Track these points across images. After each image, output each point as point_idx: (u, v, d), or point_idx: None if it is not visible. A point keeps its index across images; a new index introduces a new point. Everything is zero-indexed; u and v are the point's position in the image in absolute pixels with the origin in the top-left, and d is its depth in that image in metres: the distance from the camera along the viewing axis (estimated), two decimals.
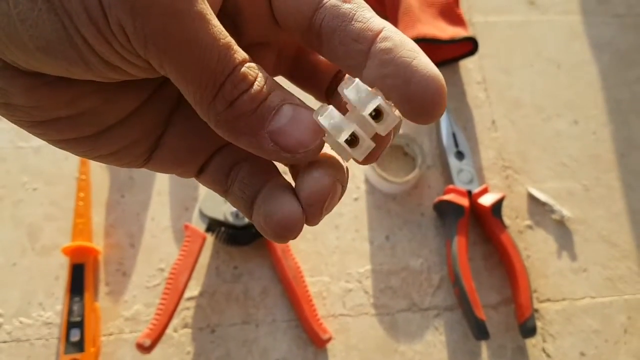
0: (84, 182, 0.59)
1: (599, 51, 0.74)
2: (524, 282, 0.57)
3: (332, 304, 0.58)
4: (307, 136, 0.18)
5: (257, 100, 0.18)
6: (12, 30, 0.16)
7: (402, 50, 0.18)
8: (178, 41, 0.16)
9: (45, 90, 0.18)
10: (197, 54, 0.16)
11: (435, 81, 0.18)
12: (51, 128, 0.19)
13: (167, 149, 0.22)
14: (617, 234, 0.64)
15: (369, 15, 0.19)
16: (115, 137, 0.21)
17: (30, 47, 0.16)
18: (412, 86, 0.18)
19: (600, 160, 0.68)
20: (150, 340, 0.50)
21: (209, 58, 0.17)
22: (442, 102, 0.18)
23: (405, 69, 0.18)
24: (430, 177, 0.65)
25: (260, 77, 0.18)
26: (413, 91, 0.18)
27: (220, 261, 0.59)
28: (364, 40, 0.19)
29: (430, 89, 0.18)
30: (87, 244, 0.56)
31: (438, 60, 0.70)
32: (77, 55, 0.16)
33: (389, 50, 0.18)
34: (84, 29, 0.16)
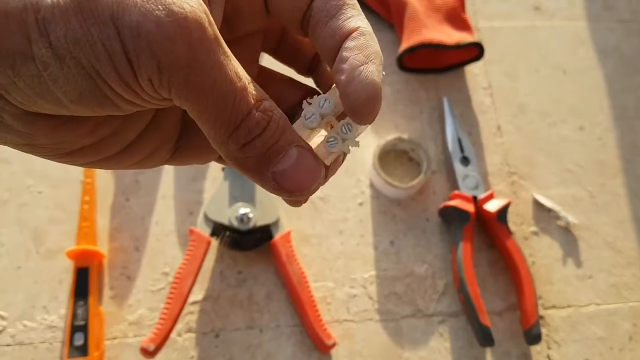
0: (89, 185, 0.59)
1: (605, 57, 0.74)
2: (529, 288, 0.57)
3: (337, 310, 0.58)
4: (307, 181, 0.20)
5: (267, 145, 0.19)
6: (44, 89, 0.17)
7: (358, 54, 0.20)
8: (198, 89, 0.18)
9: (68, 127, 0.19)
10: (215, 100, 0.18)
11: (370, 89, 0.19)
12: (77, 156, 0.20)
13: (187, 146, 0.24)
14: (623, 240, 0.64)
15: (350, 14, 0.21)
16: (138, 148, 0.22)
17: (64, 101, 0.17)
18: (351, 87, 0.20)
19: (606, 166, 0.68)
20: (155, 344, 0.50)
21: (225, 103, 0.18)
22: (373, 109, 0.20)
23: (351, 70, 0.20)
24: (436, 182, 0.65)
25: (274, 119, 0.19)
26: (351, 91, 0.20)
27: (224, 266, 0.59)
28: (337, 37, 0.20)
29: (364, 94, 0.19)
30: (92, 247, 0.56)
31: (443, 66, 0.70)
32: (107, 101, 0.18)
33: (349, 49, 0.20)
34: (114, 85, 0.17)
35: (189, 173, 0.63)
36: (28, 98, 0.17)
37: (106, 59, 0.17)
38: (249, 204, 0.58)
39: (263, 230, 0.58)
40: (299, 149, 0.20)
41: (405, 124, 0.68)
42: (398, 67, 0.70)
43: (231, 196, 0.58)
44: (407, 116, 0.68)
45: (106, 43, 0.16)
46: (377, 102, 0.20)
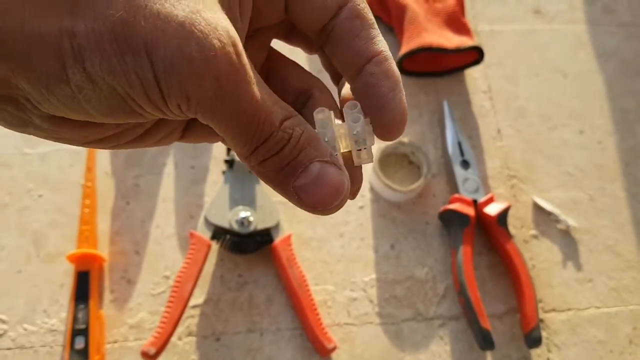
0: (89, 189, 0.59)
1: (605, 60, 0.74)
2: (530, 292, 0.57)
3: (337, 313, 0.58)
4: (328, 197, 0.20)
5: (285, 160, 0.20)
6: (77, 106, 0.18)
7: (386, 81, 0.22)
8: (224, 116, 0.19)
9: (93, 126, 0.20)
10: (239, 124, 0.19)
11: (401, 115, 0.22)
12: (100, 143, 0.22)
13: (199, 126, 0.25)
14: (622, 244, 0.64)
15: (373, 35, 0.22)
16: (156, 132, 0.23)
17: (95, 115, 0.18)
18: (384, 113, 0.22)
19: (606, 170, 0.68)
20: (155, 348, 0.50)
21: (249, 127, 0.19)
22: (402, 131, 0.23)
23: (383, 97, 0.21)
24: (436, 186, 0.65)
25: (294, 136, 0.20)
26: (384, 117, 0.22)
27: (225, 269, 0.59)
28: (361, 59, 0.22)
29: (397, 118, 0.22)
30: (92, 251, 0.56)
31: (444, 69, 0.70)
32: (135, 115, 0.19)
33: (376, 76, 0.22)
34: (145, 105, 0.18)
35: (189, 177, 0.63)
36: (59, 110, 0.18)
37: (138, 86, 0.18)
38: (250, 208, 0.58)
39: (263, 234, 0.58)
40: (321, 164, 0.20)
41: (406, 128, 0.68)
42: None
43: (232, 200, 0.58)
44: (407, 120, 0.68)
45: (139, 73, 0.17)
46: (405, 124, 0.22)
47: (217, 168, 0.63)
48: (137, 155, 0.63)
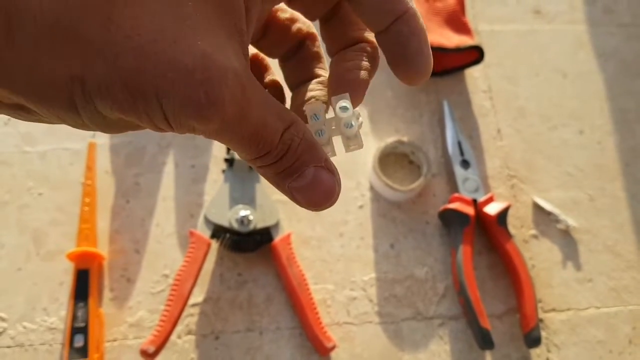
0: (89, 187, 0.59)
1: (605, 61, 0.74)
2: (529, 291, 0.57)
3: (337, 312, 0.58)
4: (320, 199, 0.22)
5: (284, 167, 0.22)
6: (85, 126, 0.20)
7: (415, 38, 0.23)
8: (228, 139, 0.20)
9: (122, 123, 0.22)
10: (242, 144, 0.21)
11: (428, 68, 0.24)
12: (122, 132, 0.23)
13: None
14: (622, 244, 0.64)
15: None
16: None
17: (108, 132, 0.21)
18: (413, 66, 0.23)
19: (606, 170, 0.68)
20: (154, 346, 0.50)
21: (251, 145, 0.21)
22: (426, 79, 0.24)
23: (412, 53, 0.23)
24: (436, 185, 0.65)
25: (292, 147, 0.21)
26: (411, 69, 0.24)
27: (224, 268, 0.59)
28: (389, 16, 0.23)
29: (423, 72, 0.24)
30: (92, 249, 0.56)
31: (444, 69, 0.70)
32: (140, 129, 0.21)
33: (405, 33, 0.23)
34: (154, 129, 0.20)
35: (189, 175, 0.63)
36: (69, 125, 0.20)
37: (148, 121, 0.19)
38: (249, 207, 0.58)
39: (263, 233, 0.58)
40: (316, 169, 0.22)
41: (406, 127, 0.68)
42: None
43: (231, 198, 0.58)
44: (407, 119, 0.68)
45: (150, 113, 0.19)
46: (430, 73, 0.24)
47: (217, 167, 0.63)
48: (137, 154, 0.63)
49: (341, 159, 0.65)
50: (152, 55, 0.17)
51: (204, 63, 0.18)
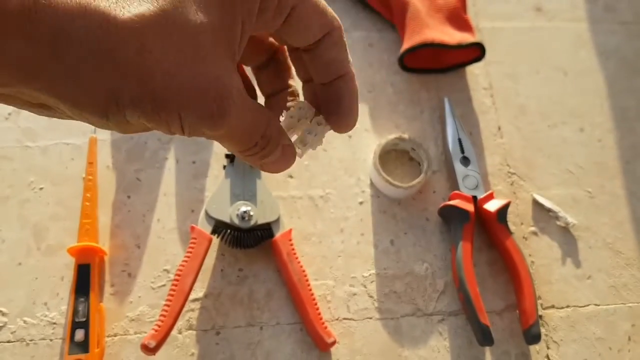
0: (90, 182, 0.59)
1: (606, 58, 0.74)
2: (529, 288, 0.57)
3: (337, 308, 0.58)
4: (284, 168, 0.30)
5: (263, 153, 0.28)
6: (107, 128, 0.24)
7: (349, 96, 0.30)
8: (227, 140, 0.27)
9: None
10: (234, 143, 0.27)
11: (354, 122, 0.31)
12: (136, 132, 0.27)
13: None
14: (622, 241, 0.64)
15: (345, 58, 0.29)
16: None
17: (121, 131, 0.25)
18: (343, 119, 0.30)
19: (606, 167, 0.68)
20: (155, 341, 0.50)
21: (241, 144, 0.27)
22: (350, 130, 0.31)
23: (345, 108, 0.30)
24: (436, 182, 0.65)
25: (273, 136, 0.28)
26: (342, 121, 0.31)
27: (225, 263, 0.59)
28: (333, 74, 0.29)
29: (349, 125, 0.31)
30: (93, 244, 0.56)
31: (445, 66, 0.70)
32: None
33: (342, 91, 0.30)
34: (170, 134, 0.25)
35: (190, 171, 0.63)
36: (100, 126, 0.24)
37: (166, 128, 0.24)
38: (250, 202, 0.58)
39: (264, 229, 0.58)
40: (284, 147, 0.29)
41: (406, 124, 0.68)
42: (400, 67, 0.70)
43: (232, 194, 0.58)
44: (408, 116, 0.68)
45: (170, 122, 0.23)
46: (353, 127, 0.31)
47: (218, 163, 0.63)
48: (138, 150, 0.63)
49: (341, 155, 0.65)
50: (176, 77, 0.22)
51: (216, 84, 0.23)
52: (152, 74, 0.22)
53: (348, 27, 0.73)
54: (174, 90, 0.22)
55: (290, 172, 0.64)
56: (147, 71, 0.22)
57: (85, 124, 0.62)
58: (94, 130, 0.62)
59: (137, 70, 0.22)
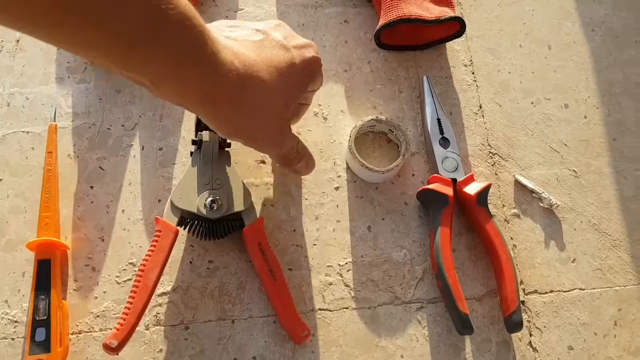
0: (50, 172, 0.56)
1: (591, 30, 0.71)
2: (510, 273, 0.55)
3: (312, 298, 0.56)
4: (309, 171, 0.54)
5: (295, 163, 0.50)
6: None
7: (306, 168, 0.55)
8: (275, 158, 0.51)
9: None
10: (279, 159, 0.50)
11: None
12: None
13: None
14: (608, 222, 0.62)
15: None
16: None
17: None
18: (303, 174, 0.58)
19: (591, 145, 0.65)
20: (118, 340, 0.47)
21: (287, 158, 0.49)
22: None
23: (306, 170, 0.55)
24: (415, 164, 0.62)
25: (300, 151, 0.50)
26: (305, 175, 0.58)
27: (194, 255, 0.56)
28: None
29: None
30: (53, 238, 0.53)
31: (424, 42, 0.67)
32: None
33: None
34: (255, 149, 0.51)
35: (156, 158, 0.60)
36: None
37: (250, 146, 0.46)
38: (219, 191, 0.55)
39: (234, 218, 0.55)
40: (306, 159, 0.50)
41: (384, 104, 0.65)
42: (377, 45, 0.67)
43: (200, 183, 0.55)
44: (385, 96, 0.65)
45: (254, 148, 0.47)
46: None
47: (186, 149, 0.61)
48: (101, 137, 0.60)
49: (316, 139, 0.62)
50: (259, 132, 0.43)
51: (284, 140, 0.46)
52: (246, 122, 0.41)
53: (323, 3, 0.70)
54: (260, 141, 0.45)
55: (263, 157, 0.62)
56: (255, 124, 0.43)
57: (45, 111, 0.59)
58: (53, 117, 0.59)
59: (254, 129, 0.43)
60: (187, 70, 0.33)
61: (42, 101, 0.62)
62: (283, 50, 0.41)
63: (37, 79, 0.63)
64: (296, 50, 0.42)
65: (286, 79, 0.40)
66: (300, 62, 0.42)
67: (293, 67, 0.41)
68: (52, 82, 0.63)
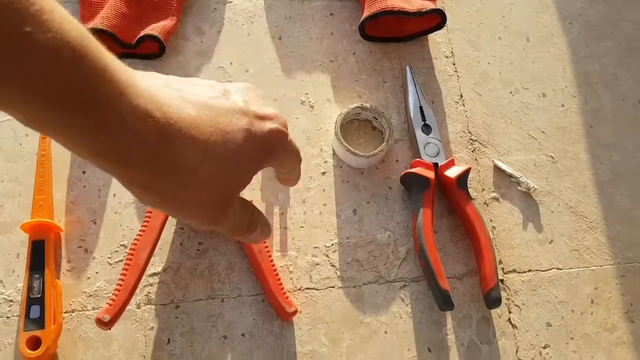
0: (44, 157, 0.58)
1: (569, 23, 0.74)
2: (488, 252, 0.57)
3: (299, 278, 0.58)
4: (263, 239, 0.43)
5: (246, 233, 0.40)
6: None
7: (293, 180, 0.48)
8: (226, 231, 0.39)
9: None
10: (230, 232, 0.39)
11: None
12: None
13: None
14: (584, 205, 0.64)
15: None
16: None
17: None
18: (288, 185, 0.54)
19: (568, 132, 0.68)
20: (110, 315, 0.49)
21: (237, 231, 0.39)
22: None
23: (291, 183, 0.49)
24: (398, 150, 0.64)
25: (253, 222, 0.40)
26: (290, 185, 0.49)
27: (184, 237, 0.58)
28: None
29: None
30: (46, 220, 0.55)
31: (407, 34, 0.70)
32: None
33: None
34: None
35: None
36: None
37: (178, 220, 0.56)
38: None
39: None
40: (260, 227, 0.41)
41: (369, 94, 0.67)
42: (361, 37, 0.69)
43: None
44: (370, 86, 0.67)
45: (185, 222, 0.55)
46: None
47: None
48: None
49: (303, 126, 0.64)
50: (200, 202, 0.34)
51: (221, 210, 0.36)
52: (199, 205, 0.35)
53: None
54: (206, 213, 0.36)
55: None
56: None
57: None
58: None
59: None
60: (71, 115, 0.26)
61: None
62: (239, 115, 0.35)
63: None
64: (256, 119, 0.36)
65: (235, 147, 0.34)
66: (259, 133, 0.36)
67: (247, 136, 0.35)
68: None
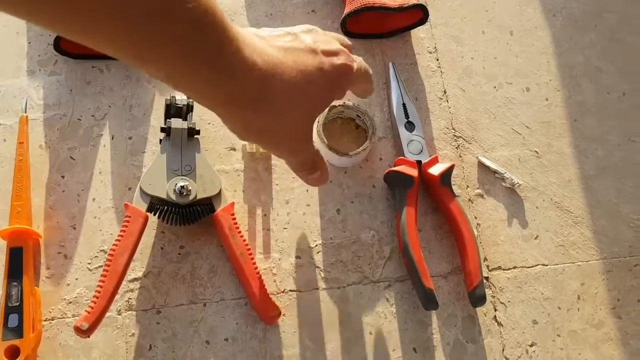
0: (21, 162, 0.57)
1: (552, 16, 0.73)
2: (472, 250, 0.56)
3: (282, 281, 0.57)
4: (321, 184, 0.50)
5: (311, 171, 0.47)
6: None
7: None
8: (299, 164, 0.47)
9: None
10: (301, 166, 0.47)
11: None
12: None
13: None
14: (569, 200, 0.64)
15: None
16: None
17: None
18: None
19: (552, 126, 0.67)
20: (88, 323, 0.48)
21: (306, 166, 0.47)
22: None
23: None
24: (382, 148, 0.64)
25: (317, 161, 0.47)
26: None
27: (165, 241, 0.57)
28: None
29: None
30: (24, 226, 0.54)
31: (389, 30, 0.69)
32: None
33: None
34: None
35: (126, 147, 0.61)
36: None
37: (268, 149, 0.56)
38: (189, 177, 0.56)
39: (204, 204, 0.56)
40: (320, 171, 0.47)
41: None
42: (343, 33, 0.68)
43: (169, 169, 0.56)
44: None
45: (273, 152, 0.51)
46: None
47: (156, 137, 0.61)
48: (71, 127, 0.61)
49: None
50: (287, 133, 0.41)
51: (303, 141, 0.43)
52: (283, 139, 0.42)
53: None
54: (289, 146, 0.44)
55: (234, 145, 0.63)
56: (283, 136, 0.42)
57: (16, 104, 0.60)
58: (24, 109, 0.60)
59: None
60: (204, 70, 0.32)
61: (14, 94, 0.63)
62: (311, 54, 0.40)
63: (8, 72, 0.64)
64: (325, 56, 0.40)
65: (312, 83, 0.39)
66: (329, 68, 0.40)
67: (320, 73, 0.39)
68: (24, 75, 0.64)
